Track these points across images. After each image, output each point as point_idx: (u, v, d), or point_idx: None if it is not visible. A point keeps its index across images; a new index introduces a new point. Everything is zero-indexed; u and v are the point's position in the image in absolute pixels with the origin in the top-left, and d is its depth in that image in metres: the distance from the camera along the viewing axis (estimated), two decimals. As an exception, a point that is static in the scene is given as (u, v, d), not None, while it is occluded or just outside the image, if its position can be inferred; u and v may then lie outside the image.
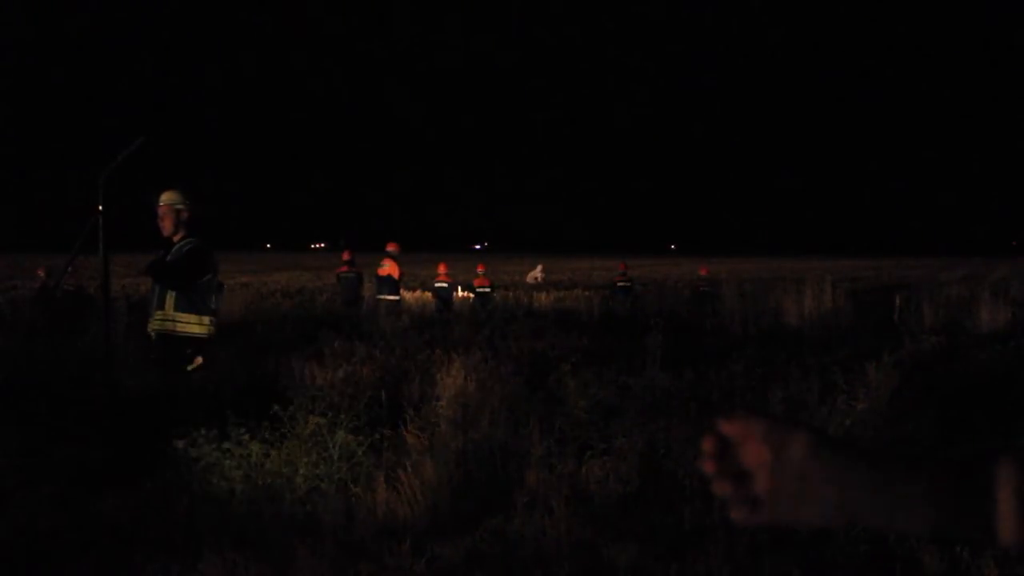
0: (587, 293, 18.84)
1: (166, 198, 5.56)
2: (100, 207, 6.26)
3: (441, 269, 16.15)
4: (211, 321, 5.52)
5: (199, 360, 5.47)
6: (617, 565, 3.57)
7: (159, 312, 5.43)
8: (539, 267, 22.50)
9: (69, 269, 7.00)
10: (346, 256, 14.69)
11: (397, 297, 13.54)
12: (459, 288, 16.88)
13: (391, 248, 13.64)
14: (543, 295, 18.69)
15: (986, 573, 3.44)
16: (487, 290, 16.72)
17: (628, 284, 18.34)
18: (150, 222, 5.70)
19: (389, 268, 13.44)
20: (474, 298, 16.51)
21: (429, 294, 16.87)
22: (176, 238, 5.55)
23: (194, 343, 5.43)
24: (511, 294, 19.62)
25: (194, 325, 5.42)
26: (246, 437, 4.70)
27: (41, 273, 12.92)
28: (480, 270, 17.35)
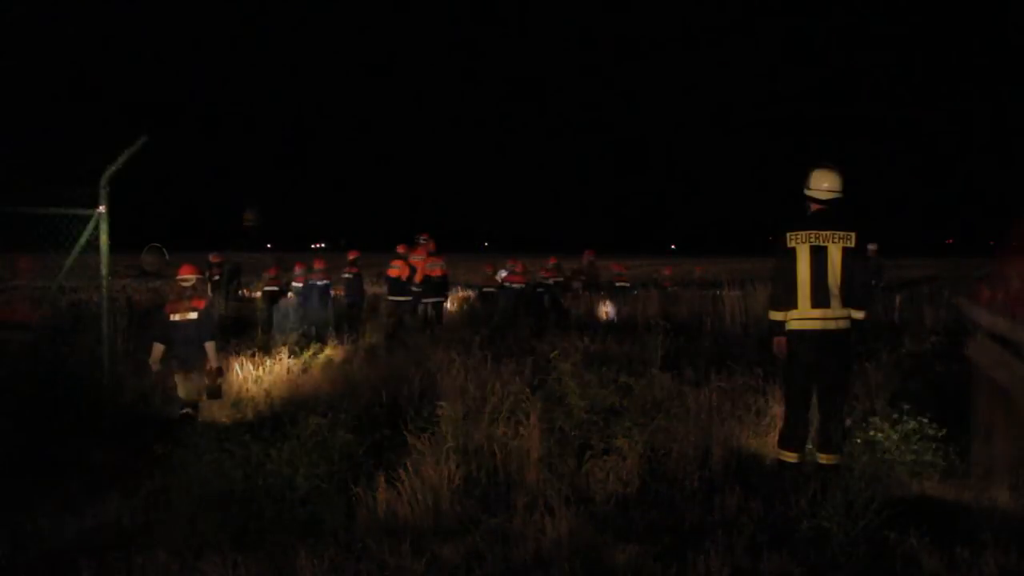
0: (587, 293, 18.79)
1: None
2: (101, 207, 6.25)
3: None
4: None
5: None
6: (617, 565, 3.56)
7: None
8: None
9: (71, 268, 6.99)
10: (351, 257, 14.67)
11: (406, 298, 13.12)
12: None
13: (401, 250, 13.40)
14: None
15: (986, 572, 3.44)
16: (492, 290, 16.66)
17: (627, 284, 18.32)
18: (150, 222, 5.72)
19: (399, 270, 13.20)
20: (477, 298, 16.45)
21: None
22: None
23: None
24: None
25: None
26: (246, 437, 4.70)
27: None
28: (487, 270, 17.26)
